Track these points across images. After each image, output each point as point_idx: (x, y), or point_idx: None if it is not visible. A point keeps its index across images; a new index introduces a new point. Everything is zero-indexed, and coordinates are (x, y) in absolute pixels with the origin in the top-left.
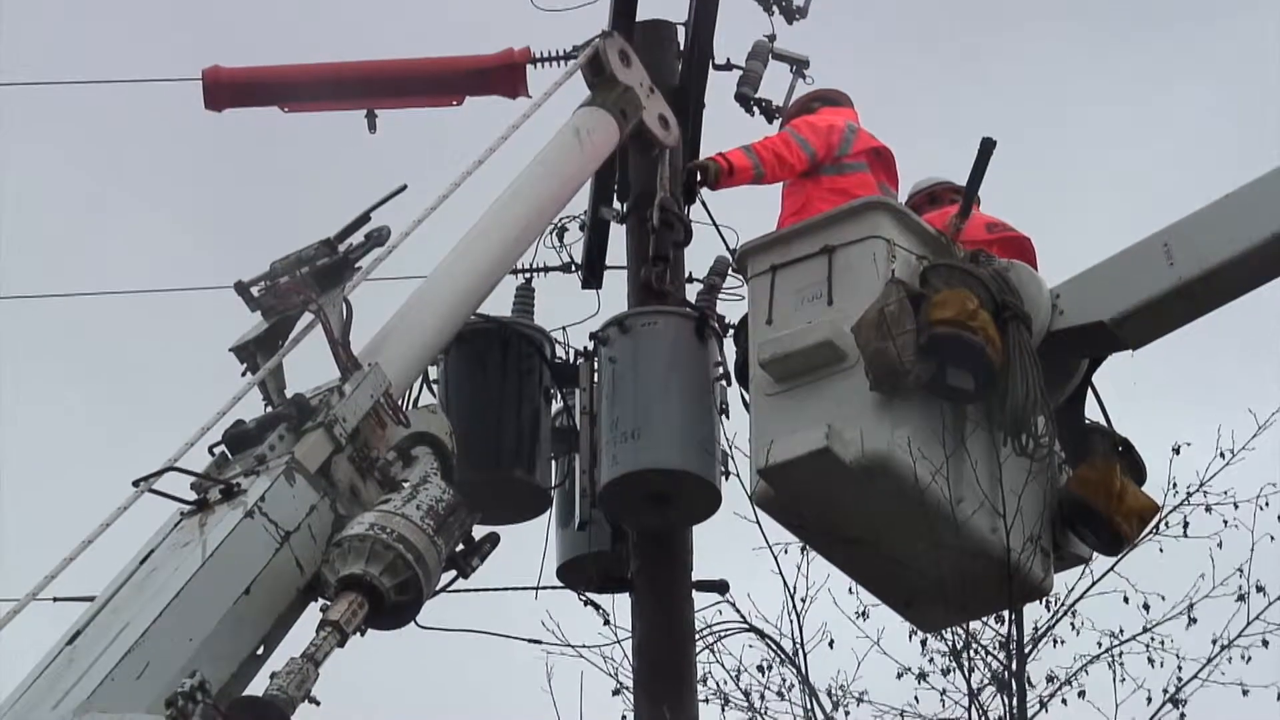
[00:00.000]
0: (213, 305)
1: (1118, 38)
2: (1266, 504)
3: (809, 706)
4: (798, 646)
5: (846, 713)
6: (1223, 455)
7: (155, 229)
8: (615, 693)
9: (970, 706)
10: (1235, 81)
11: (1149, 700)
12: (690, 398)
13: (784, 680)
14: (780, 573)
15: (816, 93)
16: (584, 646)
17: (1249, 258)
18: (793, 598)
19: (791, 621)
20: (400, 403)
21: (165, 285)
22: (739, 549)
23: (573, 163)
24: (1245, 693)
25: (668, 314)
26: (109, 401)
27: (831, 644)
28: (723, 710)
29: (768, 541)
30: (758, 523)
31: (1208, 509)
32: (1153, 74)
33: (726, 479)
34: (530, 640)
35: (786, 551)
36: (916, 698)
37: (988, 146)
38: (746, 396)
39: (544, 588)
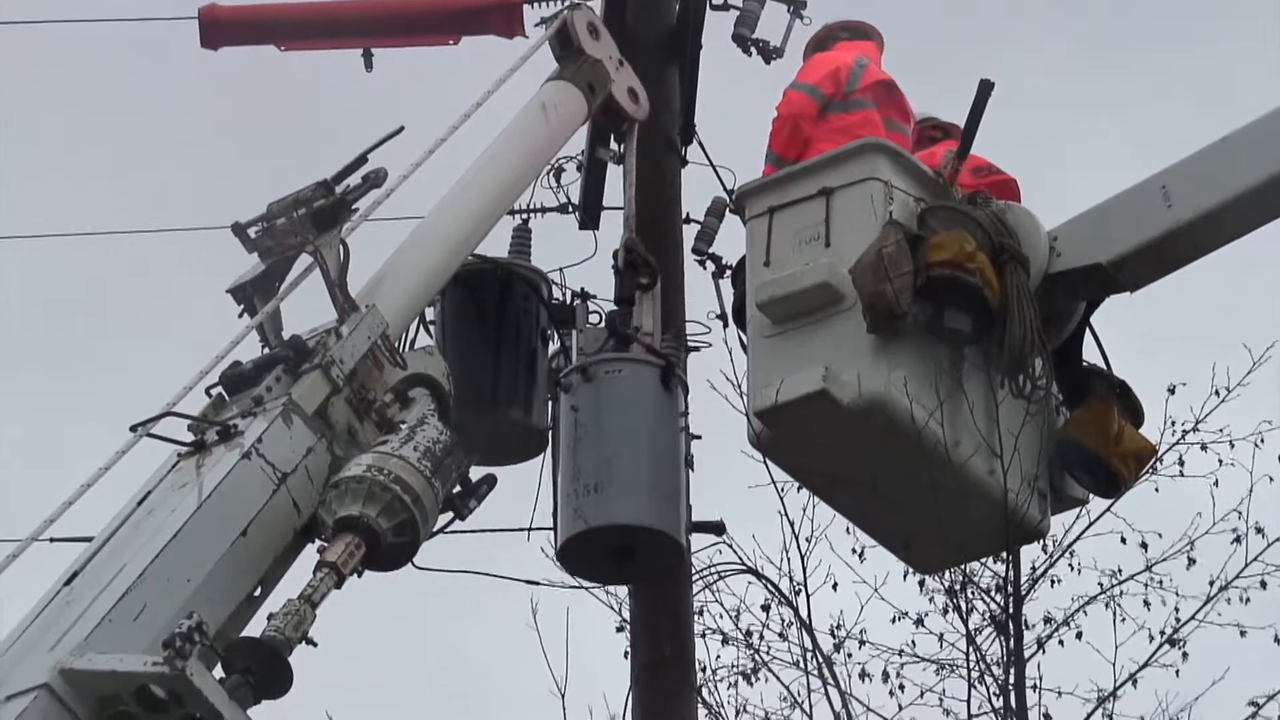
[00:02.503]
0: (209, 246)
1: (1099, 59)
2: (1262, 441)
3: (810, 646)
4: (798, 587)
5: (848, 655)
6: (1218, 393)
7: (149, 169)
8: (619, 629)
9: (969, 649)
10: (1213, 101)
11: (1150, 639)
12: (656, 450)
13: (783, 620)
14: (784, 513)
15: (842, 24)
16: (581, 585)
17: (1247, 200)
18: (797, 537)
19: (788, 561)
20: (397, 344)
21: (161, 226)
22: (736, 490)
23: (540, 138)
24: (1243, 634)
25: (634, 362)
26: (103, 344)
27: (836, 586)
28: (721, 647)
29: (775, 482)
30: (765, 462)
31: (1204, 447)
32: (1132, 94)
33: (691, 534)
34: (527, 581)
35: (784, 491)
36: (914, 641)
37: (985, 89)
38: (744, 338)
39: (540, 529)
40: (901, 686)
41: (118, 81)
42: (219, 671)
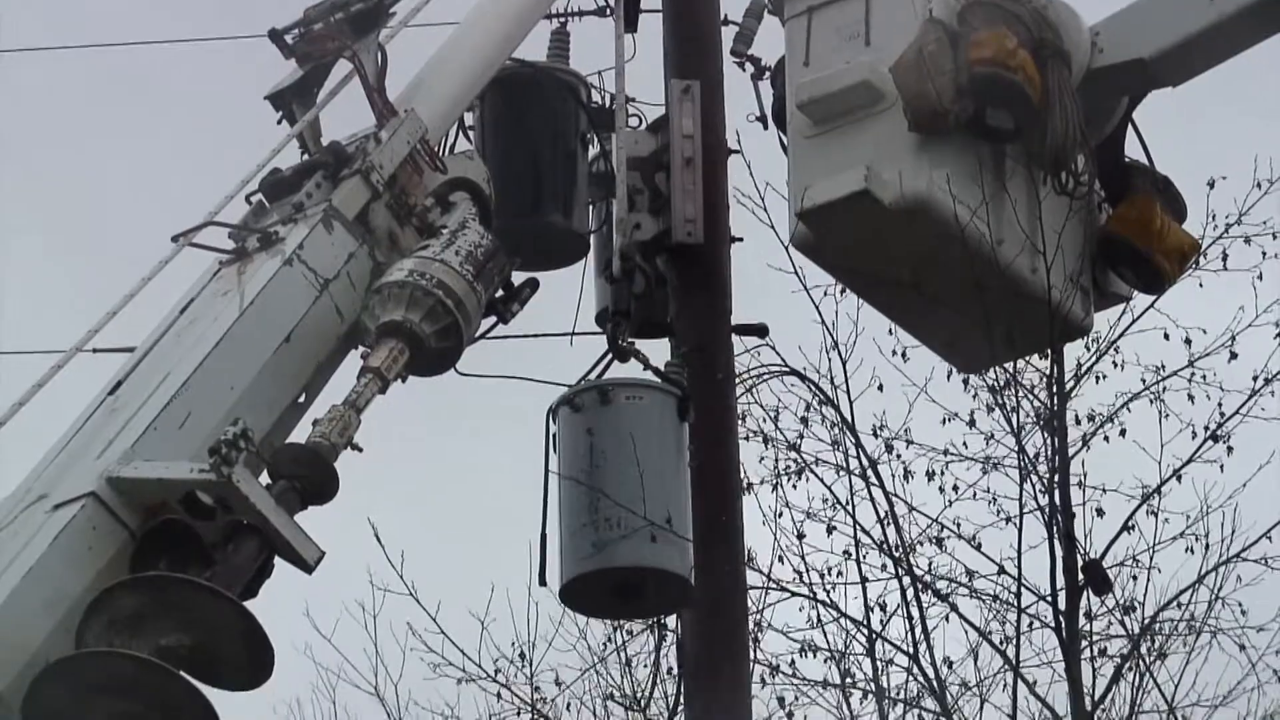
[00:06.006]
0: (246, 54)
1: None
2: None
3: (854, 447)
4: (839, 388)
5: (895, 456)
6: (1260, 186)
7: None
8: None
9: (1019, 448)
10: None
11: (1193, 436)
12: (677, 487)
13: (825, 420)
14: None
15: None
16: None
17: None
18: (835, 341)
19: (830, 364)
20: (437, 148)
21: (196, 35)
22: (779, 294)
23: (515, 7)
24: None
25: (652, 389)
26: (140, 154)
27: (881, 388)
28: (765, 448)
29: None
30: (795, 272)
31: (1247, 240)
32: None
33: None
34: (571, 386)
35: (826, 294)
36: (961, 442)
37: None
38: (784, 138)
39: (581, 334)
40: (941, 489)
41: None
42: (265, 478)
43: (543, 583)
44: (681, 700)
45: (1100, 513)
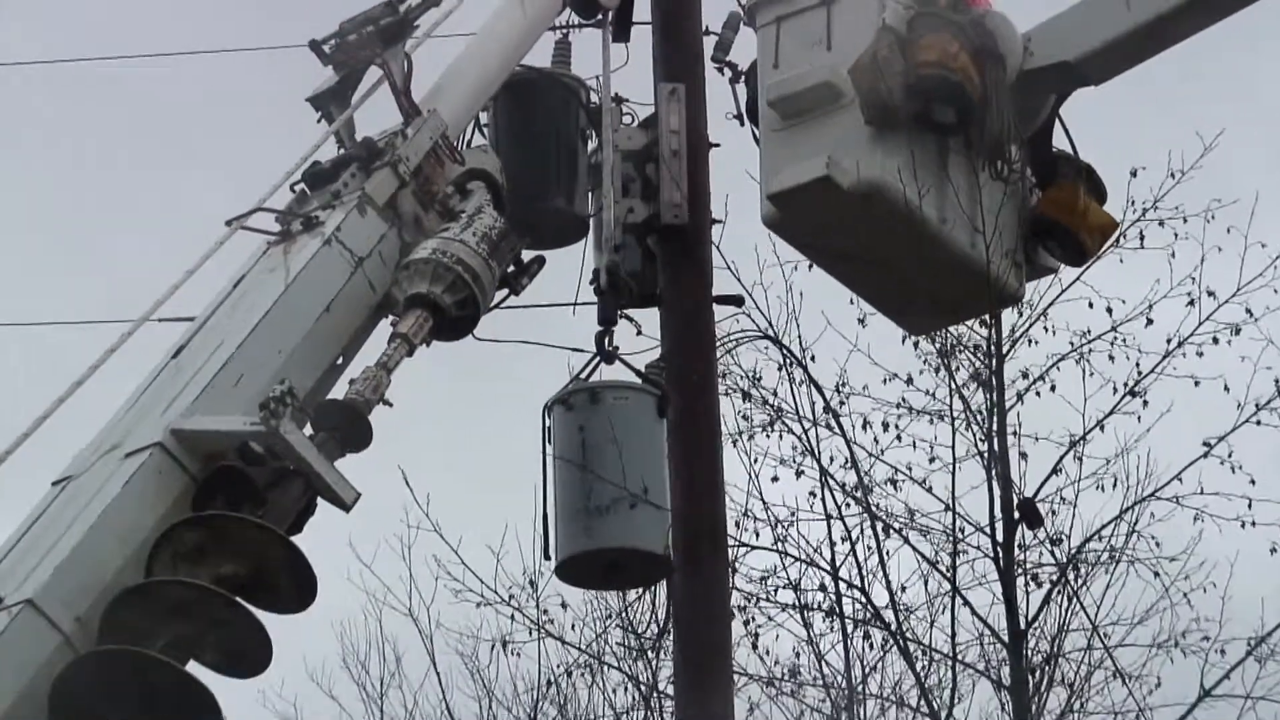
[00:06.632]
0: (290, 63)
1: None
2: (1213, 217)
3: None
4: (805, 351)
5: (834, 412)
6: (1173, 175)
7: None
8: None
9: (955, 393)
10: None
11: (1114, 391)
12: (657, 478)
13: (796, 380)
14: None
15: None
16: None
17: (1198, 1)
18: (770, 322)
19: (798, 328)
20: (456, 143)
21: (242, 45)
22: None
23: (516, 30)
24: (1197, 384)
25: (637, 390)
26: (203, 148)
27: (814, 358)
28: (744, 400)
29: (738, 279)
30: (729, 267)
31: (1161, 224)
32: None
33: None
34: (574, 349)
35: (796, 268)
36: (905, 399)
37: None
38: (757, 132)
39: (583, 304)
40: (874, 439)
41: None
42: (309, 429)
43: (547, 558)
44: (670, 623)
45: (1024, 456)
